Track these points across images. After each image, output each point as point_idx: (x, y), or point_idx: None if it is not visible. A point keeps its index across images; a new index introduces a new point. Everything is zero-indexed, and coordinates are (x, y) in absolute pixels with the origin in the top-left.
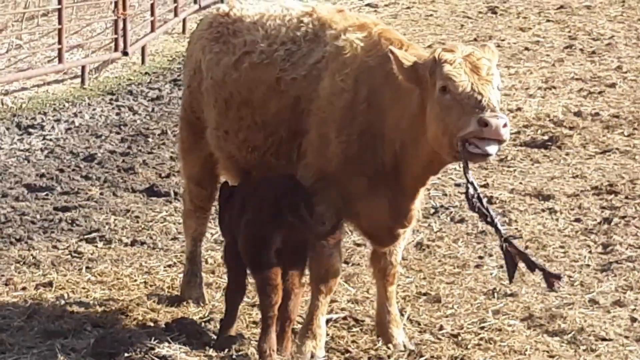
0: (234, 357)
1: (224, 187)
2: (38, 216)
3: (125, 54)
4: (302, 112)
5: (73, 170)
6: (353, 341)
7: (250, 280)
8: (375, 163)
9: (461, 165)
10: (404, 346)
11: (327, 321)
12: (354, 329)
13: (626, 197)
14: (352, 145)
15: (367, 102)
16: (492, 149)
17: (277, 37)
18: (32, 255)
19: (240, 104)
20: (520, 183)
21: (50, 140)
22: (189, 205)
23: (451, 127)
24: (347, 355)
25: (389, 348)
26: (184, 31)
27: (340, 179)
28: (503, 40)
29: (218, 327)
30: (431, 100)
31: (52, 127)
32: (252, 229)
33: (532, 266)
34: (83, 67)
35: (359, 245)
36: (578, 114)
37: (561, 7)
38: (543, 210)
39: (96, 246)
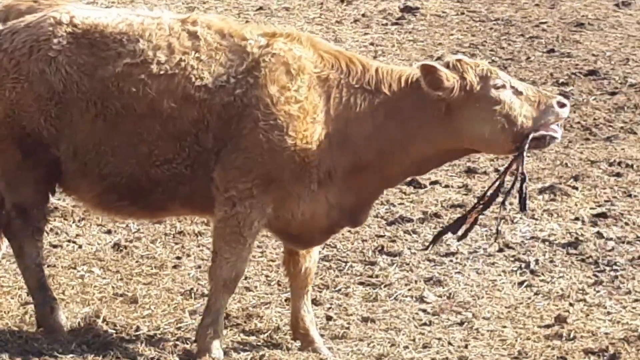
0: None
1: None
2: None
3: None
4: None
5: None
6: None
7: None
8: None
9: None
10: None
11: None
12: None
13: None
14: None
15: None
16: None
17: (173, 47)
18: None
19: (141, 117)
20: None
21: None
22: None
23: (523, 120)
24: None
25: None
26: None
27: None
28: None
29: None
30: (471, 102)
31: None
32: None
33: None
34: None
35: (55, 246)
36: None
37: (260, 8)
38: None
39: None
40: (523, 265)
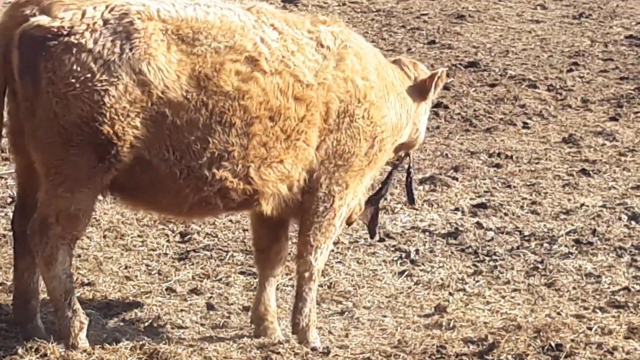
0: None
1: None
2: None
3: None
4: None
5: None
6: None
7: None
8: None
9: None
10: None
11: None
12: None
13: None
14: None
15: None
16: None
17: (266, 41)
18: None
19: (259, 118)
20: None
21: None
22: None
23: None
24: None
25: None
26: None
27: None
28: None
29: None
30: (425, 106)
31: None
32: None
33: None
34: None
35: None
36: None
37: None
38: None
39: None
40: (403, 255)
